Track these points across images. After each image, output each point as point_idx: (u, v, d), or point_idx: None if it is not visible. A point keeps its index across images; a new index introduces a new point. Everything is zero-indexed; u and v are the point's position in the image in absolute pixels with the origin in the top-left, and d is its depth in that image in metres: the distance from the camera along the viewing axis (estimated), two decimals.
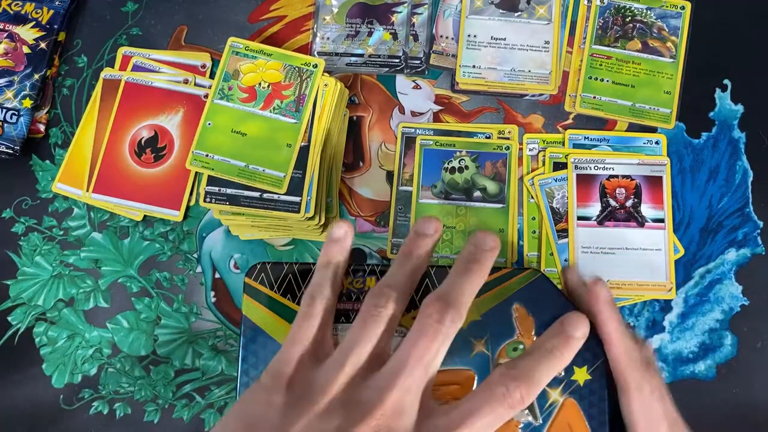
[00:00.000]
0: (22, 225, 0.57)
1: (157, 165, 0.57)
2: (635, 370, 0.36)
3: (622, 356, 0.36)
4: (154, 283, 0.56)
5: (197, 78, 0.58)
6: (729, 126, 0.57)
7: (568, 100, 0.58)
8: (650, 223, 0.54)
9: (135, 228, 0.57)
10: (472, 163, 0.56)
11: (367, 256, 0.56)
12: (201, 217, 0.57)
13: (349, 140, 0.57)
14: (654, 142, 0.56)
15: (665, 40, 0.57)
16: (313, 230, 0.54)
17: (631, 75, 0.57)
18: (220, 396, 0.54)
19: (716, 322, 0.54)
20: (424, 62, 0.58)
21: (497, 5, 0.58)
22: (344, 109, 0.57)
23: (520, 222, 0.55)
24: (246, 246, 0.56)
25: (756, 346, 0.54)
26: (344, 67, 0.58)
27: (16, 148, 0.57)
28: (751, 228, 0.55)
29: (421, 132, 0.57)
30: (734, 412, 0.54)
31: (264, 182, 0.51)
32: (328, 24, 0.58)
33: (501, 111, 0.58)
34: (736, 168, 0.56)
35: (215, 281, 0.56)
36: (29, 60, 0.58)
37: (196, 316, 0.55)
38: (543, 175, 0.56)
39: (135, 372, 0.55)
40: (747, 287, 0.55)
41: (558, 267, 0.54)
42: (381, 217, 0.56)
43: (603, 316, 0.36)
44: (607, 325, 0.36)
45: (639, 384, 0.36)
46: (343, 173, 0.57)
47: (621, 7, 0.58)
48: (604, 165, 0.55)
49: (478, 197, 0.55)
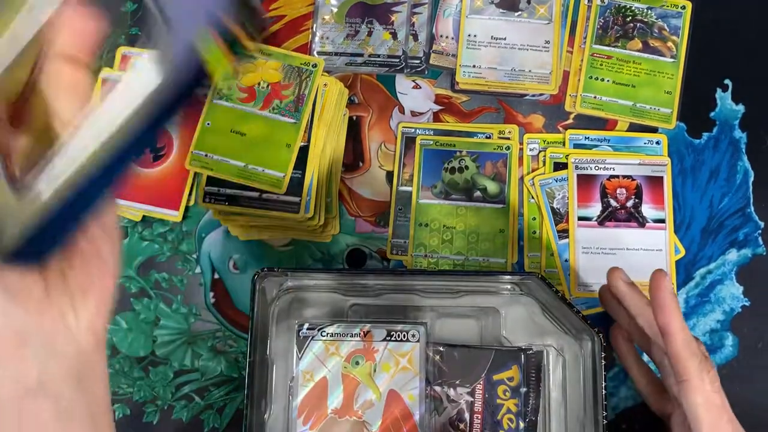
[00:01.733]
0: None
1: (156, 165, 0.56)
2: (696, 362, 0.36)
3: (682, 348, 0.36)
4: (153, 283, 0.56)
5: None
6: (730, 126, 0.57)
7: (568, 100, 0.57)
8: (651, 223, 0.54)
9: (134, 228, 0.56)
10: (472, 163, 0.56)
11: (367, 256, 0.55)
12: (200, 217, 0.56)
13: (349, 140, 0.57)
14: (655, 142, 0.56)
15: (666, 40, 0.57)
16: (313, 230, 0.54)
17: (631, 75, 0.57)
18: (220, 397, 0.54)
19: (717, 322, 0.54)
20: (423, 62, 0.58)
21: (497, 5, 0.57)
22: (344, 109, 0.57)
23: (521, 222, 0.55)
24: (245, 246, 0.56)
25: (757, 346, 0.54)
26: (344, 66, 0.58)
27: None
28: (752, 228, 0.55)
29: (421, 132, 0.57)
30: (735, 412, 0.53)
31: (263, 182, 0.51)
32: (327, 23, 0.58)
33: (501, 111, 0.58)
34: (737, 168, 0.56)
35: (214, 282, 0.56)
36: None
37: (196, 317, 0.55)
38: (543, 175, 0.55)
39: (134, 373, 0.54)
40: (748, 288, 0.54)
41: (558, 267, 0.54)
42: (381, 217, 0.56)
43: (667, 306, 0.36)
44: (671, 316, 0.36)
45: (701, 375, 0.36)
46: (343, 173, 0.57)
47: (621, 7, 0.58)
48: (605, 165, 0.55)
49: (479, 197, 0.55)
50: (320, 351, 0.44)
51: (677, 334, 0.36)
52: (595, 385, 0.41)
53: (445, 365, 0.44)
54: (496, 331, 0.46)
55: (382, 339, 0.44)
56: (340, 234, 0.56)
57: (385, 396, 0.43)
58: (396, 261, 0.55)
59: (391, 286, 0.47)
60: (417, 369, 0.43)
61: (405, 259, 0.55)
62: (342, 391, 0.43)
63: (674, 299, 0.37)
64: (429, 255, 0.55)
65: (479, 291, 0.47)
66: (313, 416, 0.43)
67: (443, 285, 0.46)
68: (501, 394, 0.44)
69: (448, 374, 0.44)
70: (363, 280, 0.46)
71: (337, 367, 0.44)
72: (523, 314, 0.46)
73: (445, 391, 0.44)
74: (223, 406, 0.54)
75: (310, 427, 0.43)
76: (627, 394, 0.52)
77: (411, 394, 0.43)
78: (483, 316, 0.47)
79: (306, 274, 0.46)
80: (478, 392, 0.44)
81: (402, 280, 0.47)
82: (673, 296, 0.37)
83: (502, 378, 0.44)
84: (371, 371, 0.44)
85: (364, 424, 0.43)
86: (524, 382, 0.44)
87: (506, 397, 0.44)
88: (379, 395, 0.43)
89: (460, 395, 0.44)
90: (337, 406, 0.43)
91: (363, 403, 0.43)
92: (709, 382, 0.36)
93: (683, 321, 0.37)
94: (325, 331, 0.44)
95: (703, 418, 0.36)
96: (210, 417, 0.54)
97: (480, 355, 0.44)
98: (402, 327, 0.44)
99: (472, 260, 0.54)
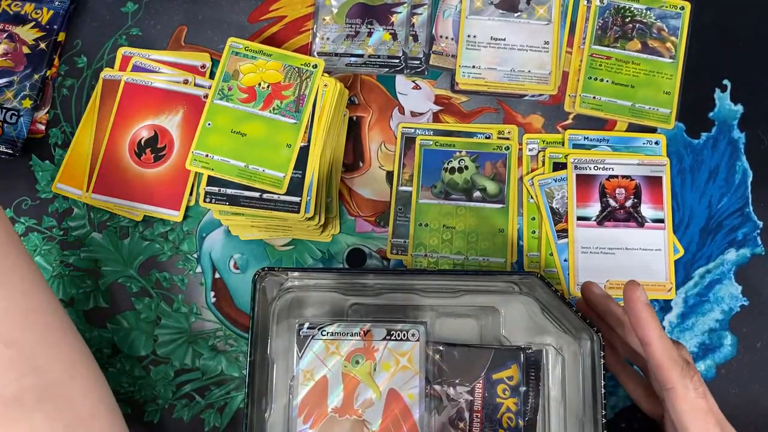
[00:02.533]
0: (22, 225, 0.57)
1: (156, 165, 0.57)
2: (678, 369, 0.36)
3: (663, 358, 0.36)
4: (153, 283, 0.56)
5: (197, 78, 0.58)
6: (728, 126, 0.57)
7: (567, 101, 0.58)
8: (650, 223, 0.54)
9: (135, 228, 0.57)
10: (471, 164, 0.56)
11: (367, 256, 0.56)
12: (201, 217, 0.57)
13: (349, 140, 0.58)
14: (654, 143, 0.56)
15: (665, 41, 0.57)
16: (313, 230, 0.54)
17: (630, 75, 0.57)
18: (220, 396, 0.54)
19: (716, 322, 0.54)
20: (423, 62, 0.58)
21: (497, 5, 0.58)
22: (344, 110, 0.57)
23: (520, 222, 0.55)
24: (246, 246, 0.56)
25: (756, 346, 0.54)
26: (344, 67, 0.58)
27: (16, 149, 0.57)
28: (751, 228, 0.55)
29: (420, 132, 0.57)
30: (734, 413, 0.53)
31: (264, 182, 0.51)
32: (327, 24, 0.58)
33: (501, 111, 0.58)
34: (735, 168, 0.56)
35: (215, 281, 0.56)
36: (29, 60, 0.58)
37: (196, 317, 0.55)
38: (543, 175, 0.56)
39: (135, 372, 0.55)
40: (746, 287, 0.55)
41: (558, 267, 0.54)
42: (381, 217, 0.56)
43: (642, 318, 0.36)
44: (648, 327, 0.36)
45: (683, 383, 0.36)
46: (343, 173, 0.57)
47: (621, 8, 0.58)
48: (604, 165, 0.55)
49: (478, 197, 0.55)
50: (320, 350, 0.44)
51: (656, 344, 0.36)
52: (594, 384, 0.41)
53: (445, 364, 0.44)
54: (496, 330, 0.46)
55: (382, 338, 0.44)
56: (341, 234, 0.56)
57: (385, 395, 0.43)
58: (396, 261, 0.55)
59: (391, 285, 0.47)
60: (417, 368, 0.44)
61: (405, 258, 0.55)
62: (342, 390, 0.44)
63: (649, 310, 0.37)
64: (429, 255, 0.55)
65: (479, 290, 0.47)
66: (314, 415, 0.43)
67: (443, 285, 0.46)
68: (500, 393, 0.44)
69: (447, 373, 0.44)
70: (363, 279, 0.46)
71: (338, 366, 0.44)
72: (523, 313, 0.46)
73: (444, 390, 0.44)
74: (224, 405, 0.54)
75: (310, 426, 0.43)
76: (626, 394, 0.52)
77: (411, 393, 0.43)
78: (482, 315, 0.47)
79: (306, 273, 0.46)
80: (478, 391, 0.44)
81: (402, 279, 0.47)
82: (647, 307, 0.37)
83: (502, 377, 0.44)
84: (371, 370, 0.44)
85: (364, 422, 0.43)
86: (524, 381, 0.44)
87: (506, 396, 0.44)
88: (379, 394, 0.43)
89: (460, 394, 0.44)
90: (338, 405, 0.43)
91: (363, 402, 0.44)
92: (693, 388, 0.36)
93: (661, 330, 0.37)
94: (326, 330, 0.44)
95: (689, 426, 0.36)
96: (211, 416, 0.54)
97: (480, 354, 0.45)
98: (402, 326, 0.44)
99: (472, 260, 0.54)
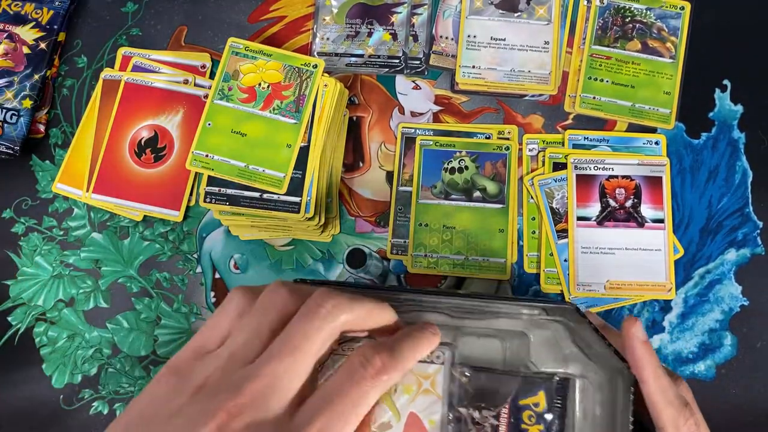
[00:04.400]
0: (22, 225, 0.57)
1: (157, 165, 0.57)
2: (671, 410, 0.36)
3: (658, 397, 0.36)
4: (154, 283, 0.56)
5: (197, 78, 0.58)
6: (728, 126, 0.57)
7: (567, 101, 0.58)
8: (650, 223, 0.54)
9: (135, 228, 0.57)
10: (471, 164, 0.56)
11: (367, 256, 0.56)
12: (201, 217, 0.57)
13: (349, 140, 0.58)
14: (653, 143, 0.56)
15: (665, 41, 0.57)
16: (313, 230, 0.54)
17: (630, 75, 0.57)
18: None
19: (716, 322, 0.54)
20: (423, 63, 0.58)
21: (497, 6, 0.58)
22: (344, 110, 0.57)
23: (520, 222, 0.55)
24: (246, 246, 0.56)
25: (756, 346, 0.54)
26: (344, 67, 0.58)
27: (16, 149, 0.57)
28: (751, 228, 0.56)
29: (420, 132, 0.57)
30: (734, 413, 0.54)
31: (264, 182, 0.51)
32: (327, 24, 0.58)
33: (501, 111, 0.58)
34: (735, 168, 0.56)
35: (215, 281, 0.56)
36: (29, 60, 0.58)
37: (196, 317, 0.55)
38: (543, 175, 0.56)
39: (135, 372, 0.55)
40: (747, 287, 0.55)
41: (558, 267, 0.54)
42: (381, 217, 0.56)
43: (639, 357, 0.36)
44: (643, 368, 0.36)
45: (675, 424, 0.36)
46: (343, 173, 0.57)
47: (621, 8, 0.58)
48: (604, 165, 0.55)
49: (478, 197, 0.55)
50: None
51: (651, 384, 0.36)
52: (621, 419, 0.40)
53: (471, 387, 0.44)
54: (523, 353, 0.46)
55: None
56: (341, 234, 0.56)
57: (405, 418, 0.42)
58: (396, 261, 0.55)
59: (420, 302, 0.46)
60: (440, 393, 0.42)
61: (405, 258, 0.55)
62: None
63: (646, 348, 0.37)
64: (429, 255, 0.55)
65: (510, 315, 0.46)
66: None
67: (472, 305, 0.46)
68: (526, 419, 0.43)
69: (473, 396, 0.44)
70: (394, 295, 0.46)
71: None
72: (551, 339, 0.45)
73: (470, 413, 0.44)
74: None
75: None
76: None
77: (432, 420, 0.42)
78: (508, 338, 0.46)
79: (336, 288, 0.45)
80: (504, 416, 0.43)
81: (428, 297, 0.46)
82: (644, 345, 0.37)
83: (528, 403, 0.43)
84: (391, 391, 0.43)
85: None
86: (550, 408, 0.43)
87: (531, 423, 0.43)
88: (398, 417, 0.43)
89: (485, 418, 0.43)
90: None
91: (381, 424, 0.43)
92: (686, 428, 0.36)
93: (658, 368, 0.36)
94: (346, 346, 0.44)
95: None
96: None
97: (508, 380, 0.44)
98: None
99: (472, 260, 0.54)
